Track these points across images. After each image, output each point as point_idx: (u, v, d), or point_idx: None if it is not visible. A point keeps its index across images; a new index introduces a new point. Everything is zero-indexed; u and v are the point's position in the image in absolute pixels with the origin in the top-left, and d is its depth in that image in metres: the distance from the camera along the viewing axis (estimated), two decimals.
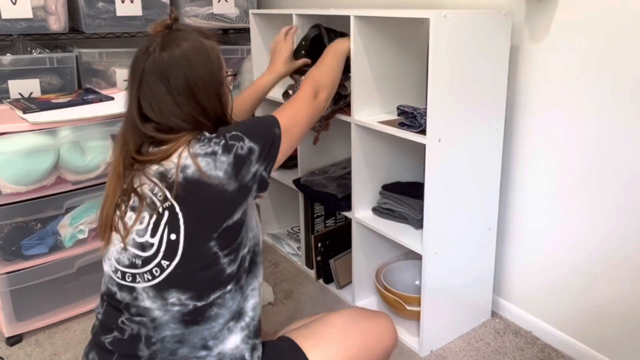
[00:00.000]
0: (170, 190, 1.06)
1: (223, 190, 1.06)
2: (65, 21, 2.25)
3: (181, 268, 1.06)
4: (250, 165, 1.10)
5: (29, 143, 1.68)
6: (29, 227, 1.80)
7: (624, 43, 1.41)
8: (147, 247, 1.07)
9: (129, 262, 1.09)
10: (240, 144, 1.10)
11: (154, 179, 1.08)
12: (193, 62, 1.11)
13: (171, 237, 1.06)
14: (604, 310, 1.61)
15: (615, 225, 1.53)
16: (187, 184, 1.06)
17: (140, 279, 1.08)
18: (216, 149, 1.08)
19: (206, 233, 1.06)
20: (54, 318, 1.90)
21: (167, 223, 1.06)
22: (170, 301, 1.06)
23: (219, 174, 1.06)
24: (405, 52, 1.82)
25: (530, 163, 1.73)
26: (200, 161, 1.06)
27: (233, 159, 1.08)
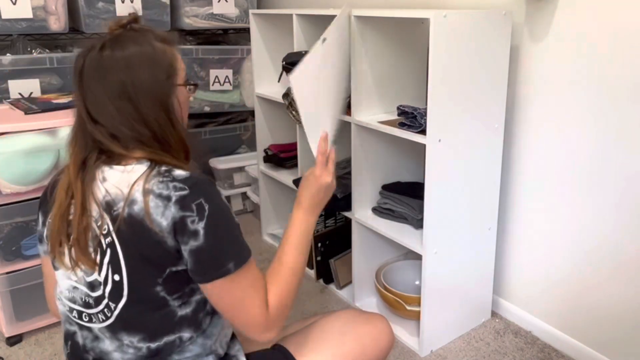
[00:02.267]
0: (113, 224, 0.94)
1: (163, 241, 0.93)
2: (65, 21, 2.25)
3: (128, 310, 0.96)
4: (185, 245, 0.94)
5: (29, 143, 1.68)
6: (29, 227, 1.80)
7: (624, 43, 1.42)
8: (95, 287, 0.98)
9: (82, 302, 1.00)
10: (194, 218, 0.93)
11: (100, 208, 0.96)
12: (134, 66, 0.97)
13: (115, 277, 0.95)
14: (604, 310, 1.61)
15: (615, 225, 1.53)
16: (130, 222, 0.93)
17: (95, 319, 1.00)
18: (172, 195, 0.93)
19: (150, 277, 0.95)
20: (54, 318, 1.90)
21: (109, 262, 0.95)
22: (125, 343, 0.98)
23: (162, 223, 0.92)
24: (405, 52, 1.82)
25: (530, 163, 1.73)
26: (150, 201, 0.93)
27: (178, 221, 0.92)
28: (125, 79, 0.96)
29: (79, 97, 0.99)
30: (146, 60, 0.98)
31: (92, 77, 0.97)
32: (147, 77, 0.98)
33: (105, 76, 0.96)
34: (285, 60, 1.93)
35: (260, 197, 2.52)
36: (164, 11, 2.45)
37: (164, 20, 2.46)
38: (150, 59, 0.99)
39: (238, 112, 2.94)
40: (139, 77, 0.97)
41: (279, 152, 2.36)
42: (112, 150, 0.98)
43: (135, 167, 0.98)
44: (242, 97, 2.81)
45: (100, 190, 0.97)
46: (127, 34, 1.01)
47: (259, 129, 2.42)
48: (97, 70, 0.97)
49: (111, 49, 0.98)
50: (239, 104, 2.81)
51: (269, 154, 2.39)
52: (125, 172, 0.97)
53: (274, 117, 2.42)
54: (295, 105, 1.95)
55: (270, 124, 2.43)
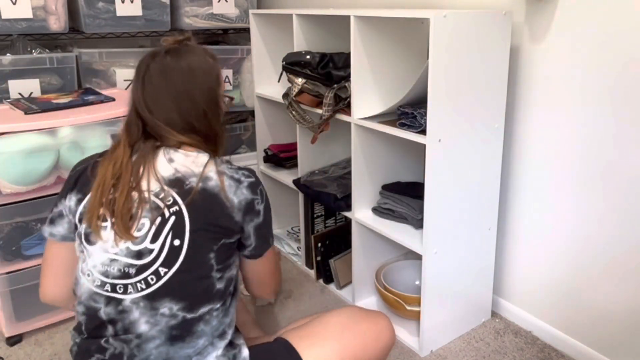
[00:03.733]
0: (183, 196, 1.08)
1: (231, 215, 1.11)
2: (65, 21, 2.25)
3: (179, 276, 1.06)
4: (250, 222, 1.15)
5: (29, 143, 1.68)
6: (29, 227, 1.80)
7: (624, 43, 1.42)
8: (144, 255, 1.06)
9: (120, 273, 1.06)
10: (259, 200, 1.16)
11: (163, 183, 1.10)
12: (194, 73, 1.17)
13: (174, 242, 1.06)
14: (604, 310, 1.61)
15: (615, 224, 1.53)
16: (205, 195, 1.09)
17: (132, 289, 1.05)
18: (243, 179, 1.15)
19: (208, 244, 1.08)
20: (54, 318, 1.90)
21: (172, 228, 1.07)
22: (161, 311, 1.05)
23: (234, 199, 1.12)
24: (405, 52, 1.82)
25: (531, 163, 1.73)
26: (225, 179, 1.13)
27: (250, 202, 1.14)
28: (187, 81, 1.16)
29: (139, 92, 1.16)
30: (202, 70, 1.19)
31: (157, 74, 1.15)
32: (205, 82, 1.19)
33: (170, 74, 1.15)
34: (285, 60, 1.93)
35: None
36: (164, 11, 2.45)
37: (164, 20, 2.46)
38: (206, 69, 1.20)
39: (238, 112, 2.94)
40: (197, 82, 1.17)
41: (279, 152, 2.36)
42: (165, 136, 1.15)
43: (196, 153, 1.16)
44: (242, 97, 2.81)
45: (167, 169, 1.12)
46: (184, 48, 1.20)
47: (259, 129, 2.42)
48: (161, 72, 1.15)
49: (175, 57, 1.17)
50: (239, 104, 2.81)
51: (269, 154, 2.39)
52: (191, 157, 1.15)
53: (274, 117, 2.42)
54: (296, 106, 1.96)
55: (270, 124, 2.43)
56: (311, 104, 1.93)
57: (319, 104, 1.88)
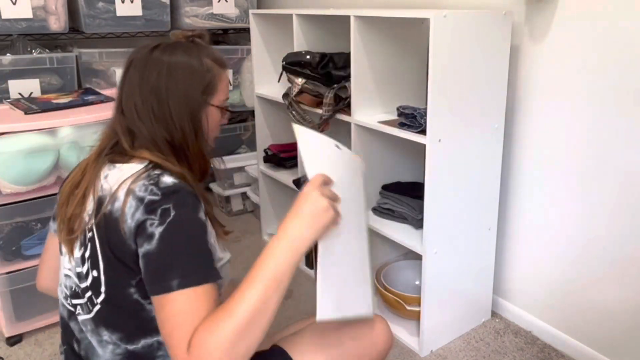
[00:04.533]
0: (95, 219, 0.95)
1: (127, 243, 0.91)
2: (65, 21, 2.25)
3: (107, 306, 0.96)
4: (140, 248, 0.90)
5: (29, 143, 1.68)
6: (29, 227, 1.80)
7: (624, 43, 1.42)
8: (82, 278, 0.99)
9: (72, 291, 1.02)
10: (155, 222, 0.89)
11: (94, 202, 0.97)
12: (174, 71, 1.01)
13: (93, 273, 0.96)
14: (604, 310, 1.61)
15: (615, 224, 1.53)
16: (108, 220, 0.93)
17: (81, 309, 1.00)
18: (146, 197, 0.90)
19: (124, 278, 0.93)
20: (54, 318, 1.90)
21: (89, 257, 0.96)
22: (104, 338, 0.98)
23: (131, 224, 0.90)
24: (405, 52, 1.82)
25: (530, 163, 1.73)
26: (129, 200, 0.91)
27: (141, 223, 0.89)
28: (161, 80, 1.01)
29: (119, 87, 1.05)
30: (188, 70, 1.02)
31: (135, 71, 1.03)
32: (182, 85, 1.01)
33: (145, 73, 1.01)
34: (285, 60, 1.93)
35: (260, 197, 2.52)
36: (164, 11, 2.45)
37: (164, 20, 2.46)
38: (192, 71, 1.03)
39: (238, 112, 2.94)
40: (174, 82, 1.01)
41: (279, 152, 2.36)
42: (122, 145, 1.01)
43: (133, 166, 0.98)
44: (242, 97, 2.81)
45: (100, 186, 0.98)
46: (183, 44, 1.06)
47: (259, 129, 2.42)
48: (141, 66, 1.02)
49: (161, 51, 1.03)
50: (239, 104, 2.81)
51: (269, 154, 2.39)
52: (123, 172, 0.98)
53: (274, 117, 2.42)
54: (296, 106, 1.96)
55: (270, 124, 2.43)
56: (311, 104, 1.93)
57: (319, 104, 1.88)
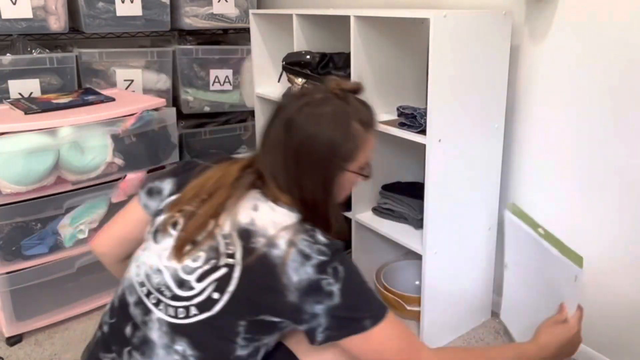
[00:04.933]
0: (244, 253, 0.97)
1: (283, 294, 0.95)
2: (65, 21, 2.25)
3: (204, 325, 0.98)
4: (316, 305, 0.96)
5: (29, 143, 1.68)
6: (29, 227, 1.80)
7: (624, 43, 1.42)
8: (185, 287, 1.00)
9: (157, 287, 1.02)
10: (330, 280, 0.97)
11: (233, 228, 1.00)
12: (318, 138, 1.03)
13: (214, 295, 0.98)
14: (604, 310, 1.61)
15: (615, 224, 1.53)
16: (263, 262, 0.96)
17: (162, 307, 1.01)
18: (313, 256, 0.97)
19: (244, 312, 0.97)
20: (54, 318, 1.90)
21: (218, 280, 0.98)
22: (175, 347, 0.99)
23: (293, 277, 0.95)
24: (405, 52, 1.82)
25: (530, 163, 1.73)
26: (292, 252, 0.96)
27: (314, 282, 0.96)
28: (303, 148, 1.03)
29: (265, 128, 1.09)
30: (332, 140, 1.03)
31: (282, 126, 1.05)
32: (323, 154, 1.04)
33: (290, 133, 1.04)
34: (285, 60, 1.93)
35: None
36: (164, 11, 2.45)
37: (164, 20, 2.46)
38: (337, 141, 1.04)
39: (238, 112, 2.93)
40: (316, 149, 1.03)
41: None
42: (266, 183, 1.05)
43: (286, 212, 1.02)
44: (242, 97, 2.81)
45: (246, 216, 1.01)
46: (334, 103, 1.06)
47: (259, 129, 2.42)
48: (287, 124, 1.05)
49: (310, 115, 1.04)
50: (239, 104, 2.81)
51: None
52: (276, 213, 1.02)
53: None
54: None
55: None
56: None
57: None
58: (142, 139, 1.92)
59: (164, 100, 2.05)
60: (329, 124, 1.04)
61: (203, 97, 2.71)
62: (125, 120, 1.87)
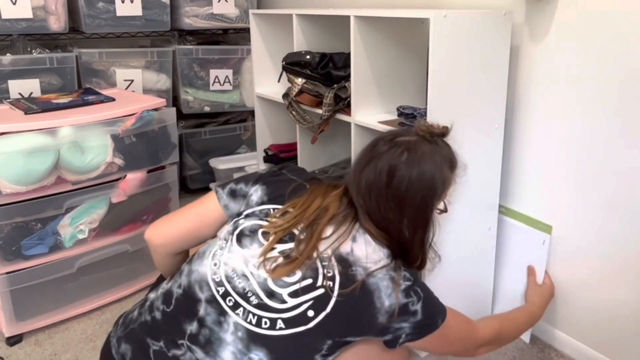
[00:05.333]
0: (342, 277, 1.04)
1: (375, 316, 1.05)
2: (65, 21, 2.26)
3: (288, 340, 1.01)
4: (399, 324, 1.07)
5: (29, 143, 1.68)
6: (29, 227, 1.80)
7: (625, 43, 1.42)
8: (275, 299, 1.03)
9: (242, 291, 1.04)
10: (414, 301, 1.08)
11: (333, 254, 1.06)
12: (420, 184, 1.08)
13: (309, 312, 1.02)
14: (604, 310, 1.61)
15: (615, 224, 1.53)
16: (362, 288, 1.04)
17: (241, 312, 1.03)
18: (401, 282, 1.07)
19: (334, 333, 1.03)
20: (54, 318, 1.90)
21: (315, 299, 1.03)
22: (250, 355, 1.01)
23: (385, 302, 1.05)
24: (405, 52, 1.82)
25: (531, 163, 1.73)
26: (386, 282, 1.06)
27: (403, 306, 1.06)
28: (409, 190, 1.07)
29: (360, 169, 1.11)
30: (431, 186, 1.09)
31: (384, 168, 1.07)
32: (425, 199, 1.09)
33: (394, 177, 1.07)
34: (285, 60, 1.93)
35: None
36: (164, 11, 2.45)
37: (164, 20, 2.46)
38: (435, 186, 1.09)
39: (238, 112, 2.94)
40: (420, 195, 1.08)
41: (279, 152, 2.36)
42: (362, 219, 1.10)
43: (379, 247, 1.09)
44: (242, 97, 2.81)
45: (346, 245, 1.07)
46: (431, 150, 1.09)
47: (259, 129, 2.42)
48: (388, 168, 1.07)
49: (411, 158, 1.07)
50: (239, 104, 2.81)
51: (269, 154, 2.39)
52: (371, 247, 1.08)
53: (274, 117, 2.42)
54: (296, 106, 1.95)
55: (270, 124, 2.43)
56: (311, 104, 1.93)
57: (319, 104, 1.88)
58: (142, 139, 1.92)
59: (164, 100, 2.05)
60: (429, 167, 1.08)
61: (203, 97, 2.72)
62: (125, 120, 1.87)
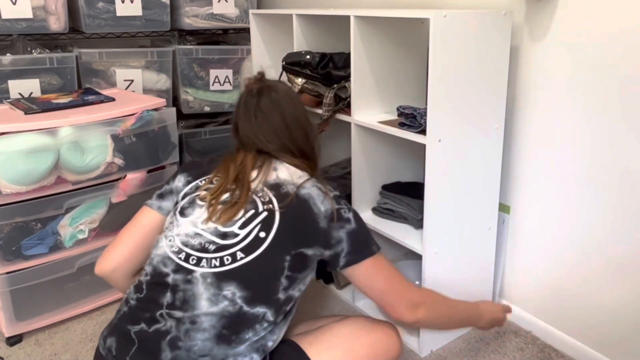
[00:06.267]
0: (278, 198, 1.21)
1: (317, 221, 1.20)
2: (65, 21, 2.25)
3: (253, 265, 1.13)
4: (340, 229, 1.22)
5: (29, 143, 1.68)
6: (29, 227, 1.80)
7: (624, 43, 1.42)
8: (229, 236, 1.16)
9: (199, 246, 1.16)
10: (345, 209, 1.25)
11: (264, 185, 1.25)
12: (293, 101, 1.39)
13: (260, 234, 1.16)
14: (604, 310, 1.61)
15: (615, 225, 1.53)
16: (297, 200, 1.21)
17: (205, 263, 1.13)
18: (329, 192, 1.26)
19: (289, 246, 1.16)
20: (54, 318, 1.90)
21: (262, 221, 1.17)
22: (224, 293, 1.10)
23: (321, 207, 1.22)
24: (405, 52, 1.82)
25: (530, 163, 1.73)
26: (315, 190, 1.24)
27: (336, 210, 1.23)
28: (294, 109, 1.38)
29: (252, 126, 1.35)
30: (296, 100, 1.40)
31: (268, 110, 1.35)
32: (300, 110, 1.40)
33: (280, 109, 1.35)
34: (285, 60, 1.93)
35: None
36: (164, 11, 2.45)
37: (164, 20, 2.46)
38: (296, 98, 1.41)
39: None
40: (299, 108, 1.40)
41: None
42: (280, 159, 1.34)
43: (297, 170, 1.32)
44: None
45: (272, 175, 1.28)
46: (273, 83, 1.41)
47: None
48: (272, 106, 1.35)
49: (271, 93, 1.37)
50: None
51: None
52: (291, 170, 1.31)
53: None
54: None
55: None
56: (311, 104, 1.93)
57: (319, 104, 1.88)
58: (142, 139, 1.92)
59: (164, 100, 2.05)
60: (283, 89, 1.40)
61: (203, 97, 2.72)
62: (125, 120, 1.87)
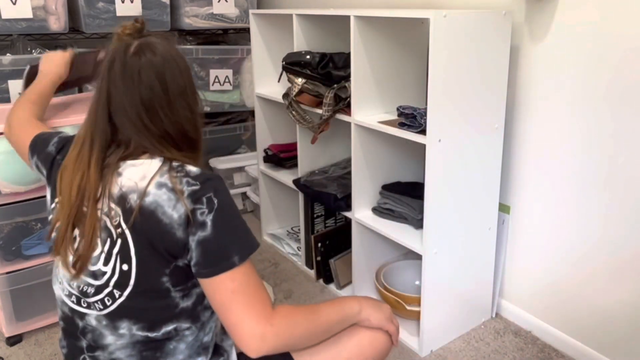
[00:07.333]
0: (125, 216, 0.98)
1: (171, 232, 0.96)
2: (65, 21, 2.26)
3: (133, 298, 1.00)
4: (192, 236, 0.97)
5: None
6: (29, 227, 1.80)
7: (624, 43, 1.42)
8: (98, 276, 1.01)
9: (81, 291, 1.03)
10: (204, 210, 0.97)
11: (110, 201, 0.99)
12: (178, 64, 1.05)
13: (123, 267, 0.99)
14: (604, 310, 1.61)
15: (615, 225, 1.53)
16: (143, 214, 0.97)
17: (92, 307, 1.03)
18: (185, 189, 0.97)
19: (159, 268, 0.98)
20: (54, 318, 1.90)
21: (119, 252, 0.99)
22: (120, 331, 1.02)
23: (173, 215, 0.96)
24: (405, 52, 1.82)
25: (530, 163, 1.73)
26: (163, 194, 0.97)
27: (191, 212, 0.96)
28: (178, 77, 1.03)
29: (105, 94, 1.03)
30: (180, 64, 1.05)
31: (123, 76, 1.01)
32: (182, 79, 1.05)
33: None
34: (285, 60, 1.93)
35: (260, 197, 2.52)
36: (164, 11, 2.45)
37: (164, 20, 2.46)
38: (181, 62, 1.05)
39: (238, 112, 2.94)
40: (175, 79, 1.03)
41: (279, 152, 2.36)
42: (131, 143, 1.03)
43: (147, 161, 1.01)
44: (242, 97, 2.81)
45: (115, 185, 1.00)
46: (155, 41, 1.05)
47: (259, 129, 2.42)
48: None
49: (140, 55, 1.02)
50: (239, 104, 2.81)
51: (269, 154, 2.39)
52: (139, 166, 1.01)
53: (274, 117, 2.42)
54: (296, 106, 1.96)
55: (270, 124, 2.43)
56: (311, 104, 1.93)
57: (319, 104, 1.88)
58: None
59: None
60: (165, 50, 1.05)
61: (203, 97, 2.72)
62: None
